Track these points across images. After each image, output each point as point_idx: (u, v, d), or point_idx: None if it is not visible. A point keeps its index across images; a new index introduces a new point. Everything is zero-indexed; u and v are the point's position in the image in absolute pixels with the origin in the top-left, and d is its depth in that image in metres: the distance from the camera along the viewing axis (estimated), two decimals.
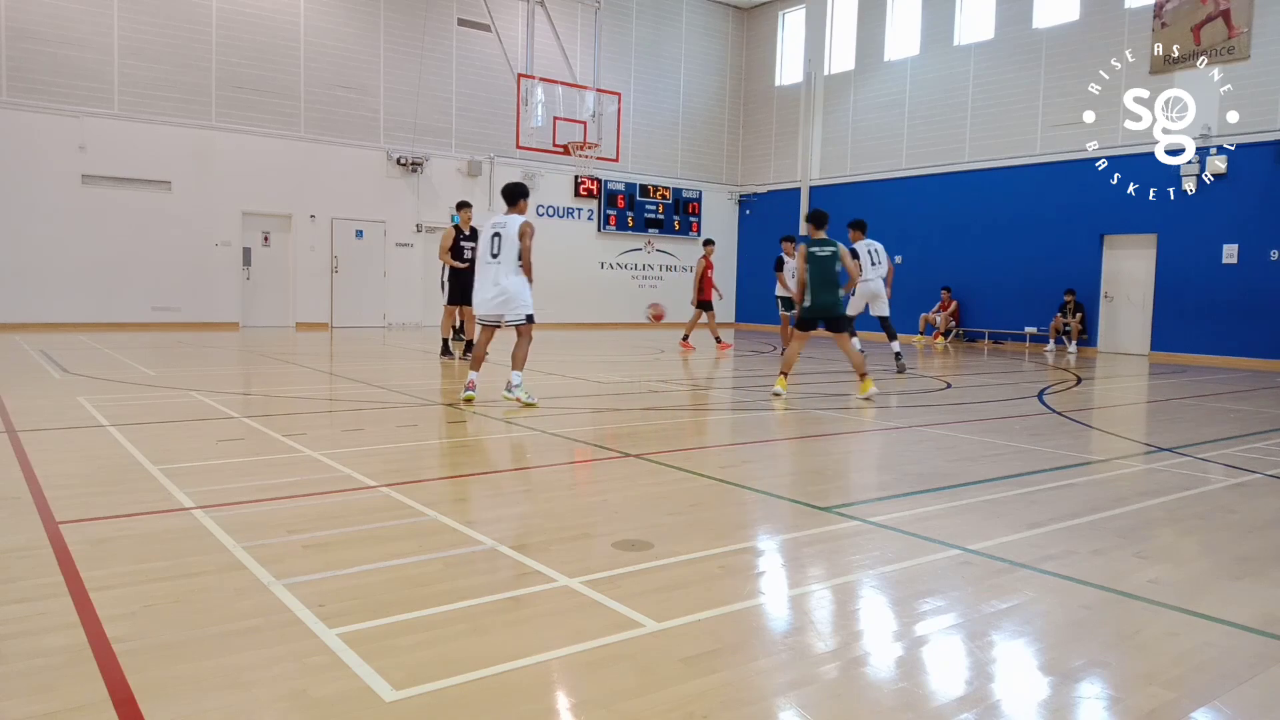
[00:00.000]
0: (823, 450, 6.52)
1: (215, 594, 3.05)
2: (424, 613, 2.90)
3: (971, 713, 2.35)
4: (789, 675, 2.55)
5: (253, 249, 18.31)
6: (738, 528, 4.27)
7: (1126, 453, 6.58)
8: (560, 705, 2.37)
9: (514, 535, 3.81)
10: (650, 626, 2.82)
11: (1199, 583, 3.51)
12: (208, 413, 7.11)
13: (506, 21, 20.26)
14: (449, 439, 6.55)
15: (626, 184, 23.02)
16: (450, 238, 11.93)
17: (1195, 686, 2.55)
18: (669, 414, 8.09)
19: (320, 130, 18.64)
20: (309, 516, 4.06)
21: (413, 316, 20.05)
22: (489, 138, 20.53)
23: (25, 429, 6.04)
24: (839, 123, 22.60)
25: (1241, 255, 15.53)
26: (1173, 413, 9.23)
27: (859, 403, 8.73)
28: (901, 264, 21.05)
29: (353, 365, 11.82)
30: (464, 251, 11.76)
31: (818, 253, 8.93)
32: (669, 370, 11.92)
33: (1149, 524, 4.40)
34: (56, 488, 4.44)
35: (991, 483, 5.29)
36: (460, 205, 12.31)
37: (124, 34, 16.47)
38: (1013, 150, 18.79)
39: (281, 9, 18.05)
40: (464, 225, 12.02)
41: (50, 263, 15.98)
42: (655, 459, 5.65)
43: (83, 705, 2.23)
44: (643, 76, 23.17)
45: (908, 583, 3.39)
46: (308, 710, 2.25)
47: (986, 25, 19.38)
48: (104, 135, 16.36)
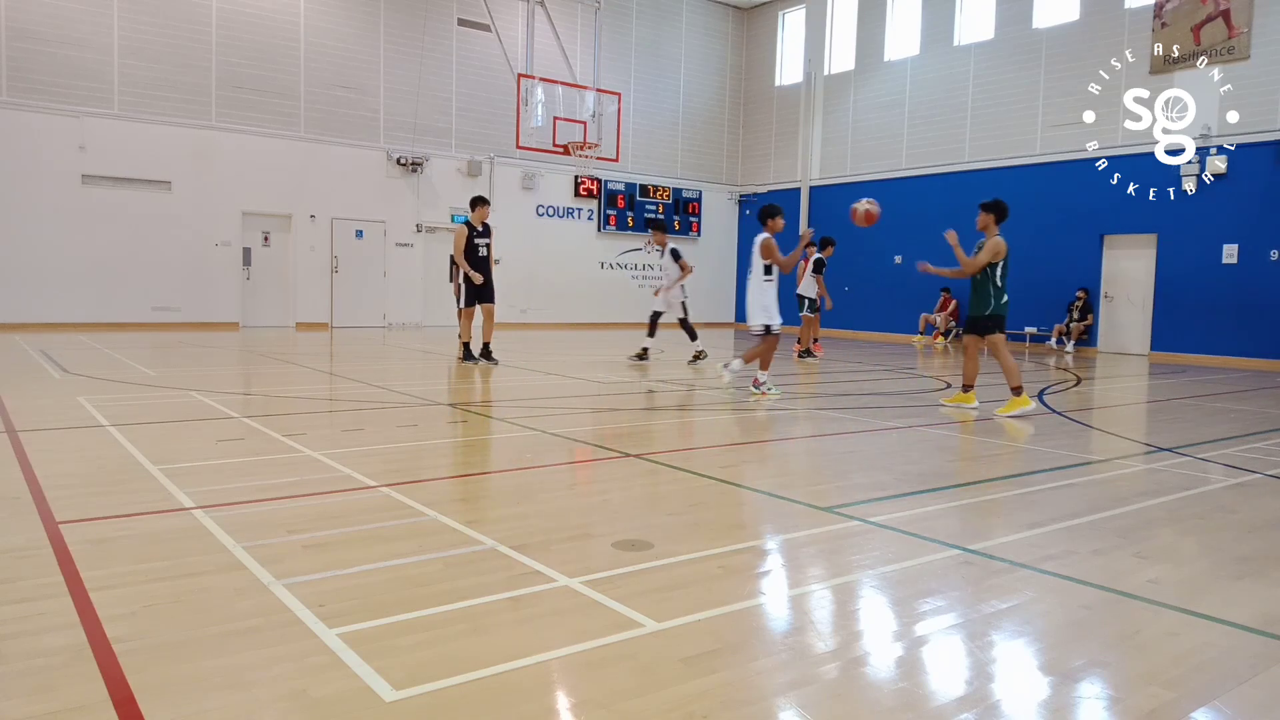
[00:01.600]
0: (823, 450, 6.52)
1: (215, 594, 3.05)
2: (424, 613, 2.90)
3: (971, 713, 2.35)
4: (789, 675, 2.54)
5: (253, 249, 18.31)
6: (738, 528, 4.26)
7: (1126, 453, 6.58)
8: (560, 705, 2.37)
9: (514, 535, 3.80)
10: (650, 626, 2.82)
11: (1199, 583, 3.51)
12: (208, 413, 7.11)
13: (506, 21, 20.26)
14: (449, 439, 6.55)
15: (626, 184, 23.02)
16: (463, 236, 11.23)
17: (1195, 686, 2.55)
18: (669, 414, 8.08)
19: (320, 130, 18.64)
20: (309, 516, 4.06)
21: (413, 316, 20.05)
22: (489, 138, 20.54)
23: (25, 429, 6.04)
24: (839, 123, 22.61)
25: (1241, 255, 15.53)
26: (1173, 413, 9.23)
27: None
28: (901, 264, 21.13)
29: (353, 365, 11.81)
30: (479, 249, 11.28)
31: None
32: (669, 370, 11.92)
33: (1149, 524, 4.40)
34: (56, 488, 4.44)
35: (991, 483, 5.29)
36: (476, 201, 11.51)
37: (124, 34, 16.47)
38: (1013, 150, 18.80)
39: (281, 9, 18.05)
40: (477, 222, 11.31)
41: (50, 263, 15.99)
42: (655, 459, 5.65)
43: (83, 705, 2.23)
44: (643, 76, 23.18)
45: (908, 583, 3.39)
46: (308, 710, 2.25)
47: (986, 25, 19.39)
48: (104, 135, 16.36)
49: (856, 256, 22.09)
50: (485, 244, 11.39)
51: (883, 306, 21.39)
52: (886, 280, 21.42)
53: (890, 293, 21.24)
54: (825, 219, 22.91)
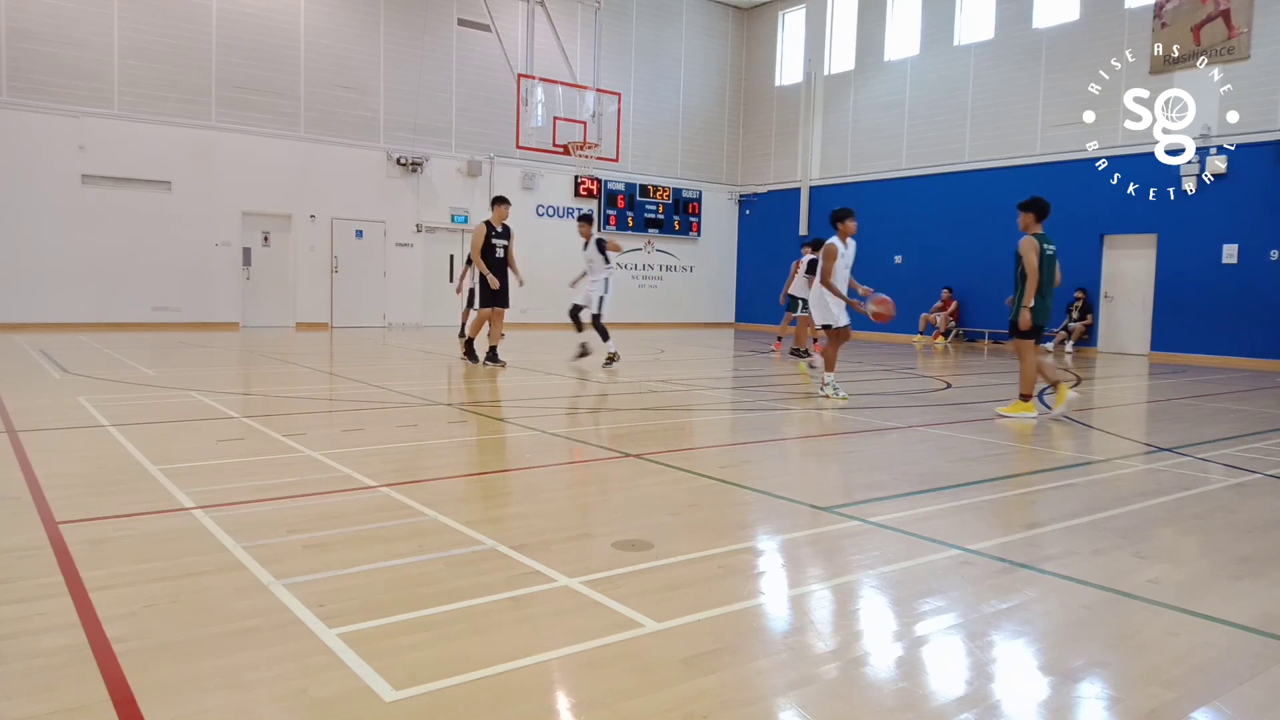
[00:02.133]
0: (823, 450, 6.52)
1: (215, 594, 3.05)
2: (424, 613, 2.90)
3: (971, 713, 2.35)
4: (789, 675, 2.54)
5: (253, 249, 18.31)
6: (738, 528, 4.26)
7: (1126, 453, 6.58)
8: (560, 705, 2.37)
9: (514, 535, 3.80)
10: (650, 626, 2.82)
11: (1199, 583, 3.51)
12: (208, 413, 7.11)
13: (506, 21, 20.26)
14: (449, 439, 6.55)
15: (626, 184, 23.01)
16: (482, 235, 10.97)
17: (1195, 686, 2.55)
18: (669, 414, 8.08)
19: (320, 130, 18.64)
20: (309, 516, 4.06)
21: (413, 317, 20.04)
22: (489, 138, 20.53)
23: (25, 429, 6.04)
24: (839, 123, 22.60)
25: (1241, 255, 15.53)
26: (1173, 413, 9.23)
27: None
28: (902, 264, 21.13)
29: (353, 365, 11.81)
30: (495, 250, 11.04)
31: (1047, 250, 8.09)
32: (669, 370, 11.92)
33: (1149, 524, 4.40)
34: (56, 488, 4.44)
35: (991, 483, 5.29)
36: (496, 201, 11.24)
37: (124, 34, 16.47)
38: (1013, 150, 18.79)
39: (281, 9, 18.05)
40: (497, 222, 11.11)
41: (50, 263, 15.98)
42: (655, 459, 5.65)
43: (83, 705, 2.23)
44: (643, 76, 23.17)
45: (908, 583, 3.39)
46: (308, 710, 2.25)
47: (986, 25, 19.38)
48: (104, 135, 16.36)
49: (857, 257, 22.08)
50: (503, 245, 11.16)
51: None
52: (886, 280, 21.37)
53: (890, 293, 21.08)
54: (825, 218, 22.93)
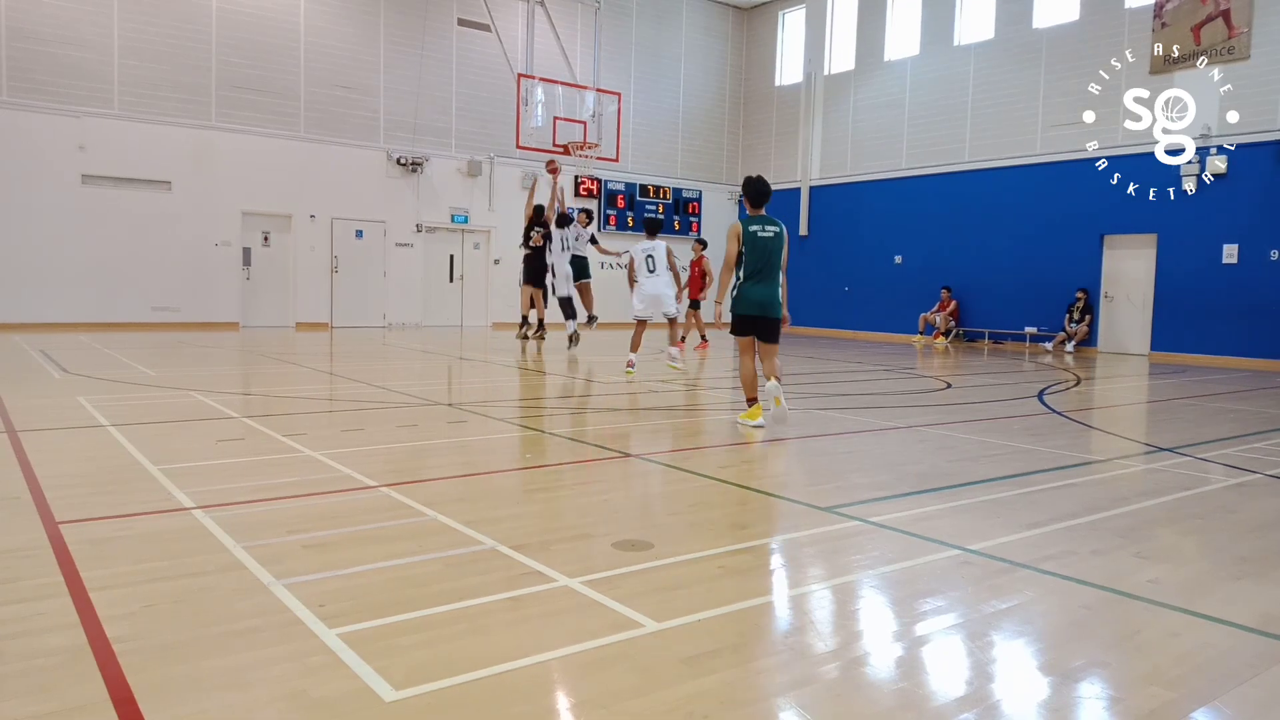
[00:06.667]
0: (823, 450, 6.52)
1: (215, 594, 3.05)
2: (424, 613, 2.90)
3: (971, 713, 2.35)
4: (789, 675, 2.54)
5: (253, 249, 18.31)
6: (738, 528, 4.26)
7: (1126, 453, 6.58)
8: (560, 705, 2.37)
9: (514, 535, 3.80)
10: (650, 626, 2.82)
11: (1199, 583, 3.51)
12: (208, 413, 7.11)
13: (506, 21, 20.26)
14: (449, 439, 6.55)
15: (626, 184, 23.01)
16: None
17: (1195, 686, 2.55)
18: (669, 414, 8.08)
19: (320, 130, 18.64)
20: (309, 516, 4.06)
21: (413, 317, 20.03)
22: (489, 138, 20.53)
23: (25, 429, 6.04)
24: (839, 123, 22.60)
25: (1241, 255, 15.53)
26: (1173, 413, 9.23)
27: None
28: (902, 263, 21.13)
29: (353, 365, 11.81)
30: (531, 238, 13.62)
31: (761, 234, 6.93)
32: (668, 370, 11.92)
33: (1149, 524, 4.40)
34: (56, 488, 4.44)
35: (991, 483, 5.28)
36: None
37: (124, 34, 16.47)
38: (1013, 150, 18.79)
39: (281, 9, 18.05)
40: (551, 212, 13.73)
41: (50, 263, 15.98)
42: (655, 459, 5.65)
43: (83, 705, 2.23)
44: (643, 76, 23.16)
45: (908, 583, 3.39)
46: (308, 710, 2.25)
47: (986, 25, 19.38)
48: (104, 135, 16.35)
49: (856, 257, 22.12)
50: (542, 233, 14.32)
51: (882, 306, 21.39)
52: (886, 280, 21.43)
53: (890, 293, 21.25)
54: (826, 219, 22.94)
